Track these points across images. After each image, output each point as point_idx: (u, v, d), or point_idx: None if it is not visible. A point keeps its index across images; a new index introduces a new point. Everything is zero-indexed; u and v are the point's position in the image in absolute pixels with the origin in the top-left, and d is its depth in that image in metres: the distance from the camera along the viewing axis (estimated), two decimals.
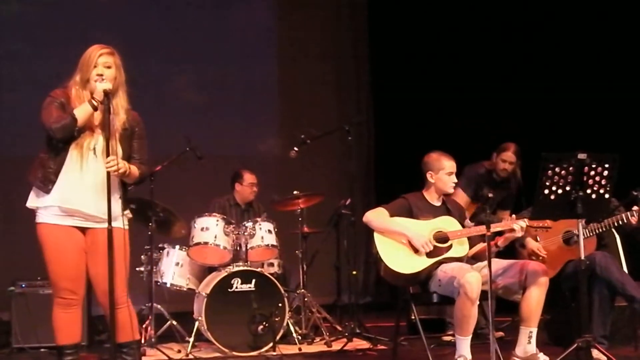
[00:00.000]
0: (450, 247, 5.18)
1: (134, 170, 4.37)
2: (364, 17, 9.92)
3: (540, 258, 5.56)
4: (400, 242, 5.16)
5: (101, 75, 4.28)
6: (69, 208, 4.29)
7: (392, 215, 5.25)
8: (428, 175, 5.35)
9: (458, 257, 5.19)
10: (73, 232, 4.34)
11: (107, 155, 4.18)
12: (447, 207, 5.41)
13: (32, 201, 4.36)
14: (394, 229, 5.18)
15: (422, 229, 5.20)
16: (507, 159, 6.62)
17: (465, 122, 6.78)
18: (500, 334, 6.27)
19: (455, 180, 5.39)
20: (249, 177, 7.29)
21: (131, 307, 4.47)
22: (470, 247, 5.29)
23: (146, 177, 4.58)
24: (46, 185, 4.28)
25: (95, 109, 4.25)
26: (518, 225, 5.04)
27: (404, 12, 9.28)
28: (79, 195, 4.28)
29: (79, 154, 4.28)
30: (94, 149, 4.29)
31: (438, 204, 5.40)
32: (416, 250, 5.14)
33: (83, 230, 4.36)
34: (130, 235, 4.46)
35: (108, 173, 4.17)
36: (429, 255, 5.13)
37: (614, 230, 5.67)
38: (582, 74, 8.43)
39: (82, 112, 4.25)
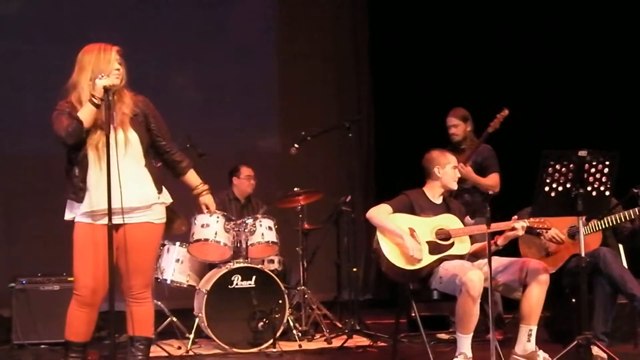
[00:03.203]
0: (452, 244, 5.19)
1: (193, 172, 4.68)
2: (364, 15, 9.91)
3: (560, 241, 5.57)
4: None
5: (118, 69, 4.33)
6: (100, 209, 4.28)
7: (394, 212, 5.26)
8: (435, 170, 5.36)
9: (460, 254, 5.19)
10: (105, 230, 4.27)
11: (108, 149, 4.18)
12: (448, 205, 5.42)
13: (69, 214, 4.41)
14: (390, 229, 5.17)
15: (425, 226, 5.21)
16: (449, 123, 6.63)
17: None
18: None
19: (460, 175, 5.41)
20: (245, 170, 7.33)
21: (151, 304, 4.51)
22: (471, 244, 5.29)
23: None
24: (78, 195, 4.32)
25: (97, 106, 4.25)
26: (519, 224, 5.04)
27: (404, 10, 9.27)
28: (106, 193, 4.26)
29: (96, 154, 4.29)
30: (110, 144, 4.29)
31: (439, 201, 5.41)
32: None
33: (116, 227, 4.31)
34: None
35: (108, 165, 4.16)
36: (431, 252, 5.14)
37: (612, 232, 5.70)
38: (583, 72, 8.42)
39: (85, 113, 4.26)
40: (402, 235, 5.12)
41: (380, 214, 5.25)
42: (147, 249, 4.45)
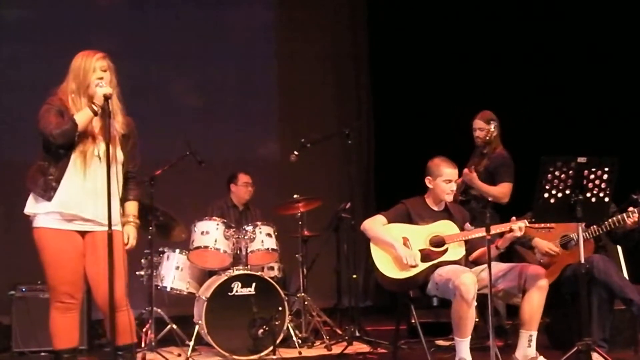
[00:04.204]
0: (445, 250, 5.18)
1: (136, 207, 4.52)
2: (364, 18, 9.93)
3: (554, 255, 5.58)
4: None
5: (101, 79, 4.30)
6: (69, 213, 4.30)
7: (390, 222, 5.26)
8: (426, 181, 5.36)
9: (454, 260, 5.18)
10: (72, 236, 4.34)
11: (108, 159, 4.18)
12: (450, 212, 5.40)
13: (31, 208, 4.37)
14: (384, 239, 5.19)
15: (419, 235, 5.21)
16: (476, 126, 6.55)
17: (465, 124, 6.77)
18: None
19: (453, 189, 5.35)
20: (242, 177, 7.35)
21: (129, 310, 4.47)
22: (471, 251, 5.29)
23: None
24: (48, 192, 4.29)
25: (96, 114, 4.26)
26: (517, 225, 5.03)
27: (404, 12, 9.29)
28: (80, 200, 4.29)
29: (83, 160, 4.29)
30: (99, 155, 4.30)
31: (439, 208, 5.40)
32: None
33: (82, 234, 4.37)
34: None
35: (109, 178, 4.16)
36: (424, 259, 5.14)
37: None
38: (583, 77, 8.43)
39: (83, 117, 4.26)
40: (394, 244, 5.14)
41: (374, 225, 5.26)
42: (121, 255, 4.34)
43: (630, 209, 5.32)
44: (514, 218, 5.16)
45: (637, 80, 8.19)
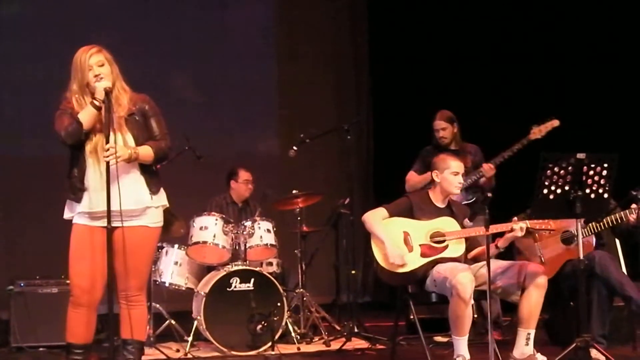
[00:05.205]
0: (446, 247, 5.17)
1: (145, 151, 4.37)
2: (364, 16, 9.91)
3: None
4: (397, 239, 5.16)
5: (99, 75, 4.30)
6: (97, 211, 4.32)
7: (392, 215, 5.25)
8: (434, 175, 5.35)
9: (454, 257, 5.17)
10: (97, 231, 4.34)
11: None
12: (452, 210, 5.39)
13: (68, 213, 4.45)
14: (377, 234, 5.17)
15: (420, 230, 5.20)
16: (437, 127, 6.63)
17: (464, 123, 6.77)
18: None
19: (461, 181, 5.36)
20: (243, 174, 7.29)
21: (145, 308, 4.52)
22: (471, 249, 5.28)
23: (167, 151, 4.54)
24: (77, 194, 4.35)
25: (98, 109, 4.27)
26: (518, 225, 5.03)
27: (404, 12, 9.28)
28: (101, 196, 4.27)
29: (95, 156, 4.31)
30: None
31: (442, 205, 5.37)
32: (410, 249, 5.14)
33: (113, 229, 4.30)
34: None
35: (107, 167, 4.17)
36: (424, 255, 5.13)
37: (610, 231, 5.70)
38: (582, 74, 8.43)
39: (85, 115, 4.28)
40: (384, 241, 5.12)
41: (374, 218, 5.25)
42: (143, 252, 4.44)
43: (633, 206, 5.32)
44: (515, 218, 5.15)
45: (637, 77, 8.19)
